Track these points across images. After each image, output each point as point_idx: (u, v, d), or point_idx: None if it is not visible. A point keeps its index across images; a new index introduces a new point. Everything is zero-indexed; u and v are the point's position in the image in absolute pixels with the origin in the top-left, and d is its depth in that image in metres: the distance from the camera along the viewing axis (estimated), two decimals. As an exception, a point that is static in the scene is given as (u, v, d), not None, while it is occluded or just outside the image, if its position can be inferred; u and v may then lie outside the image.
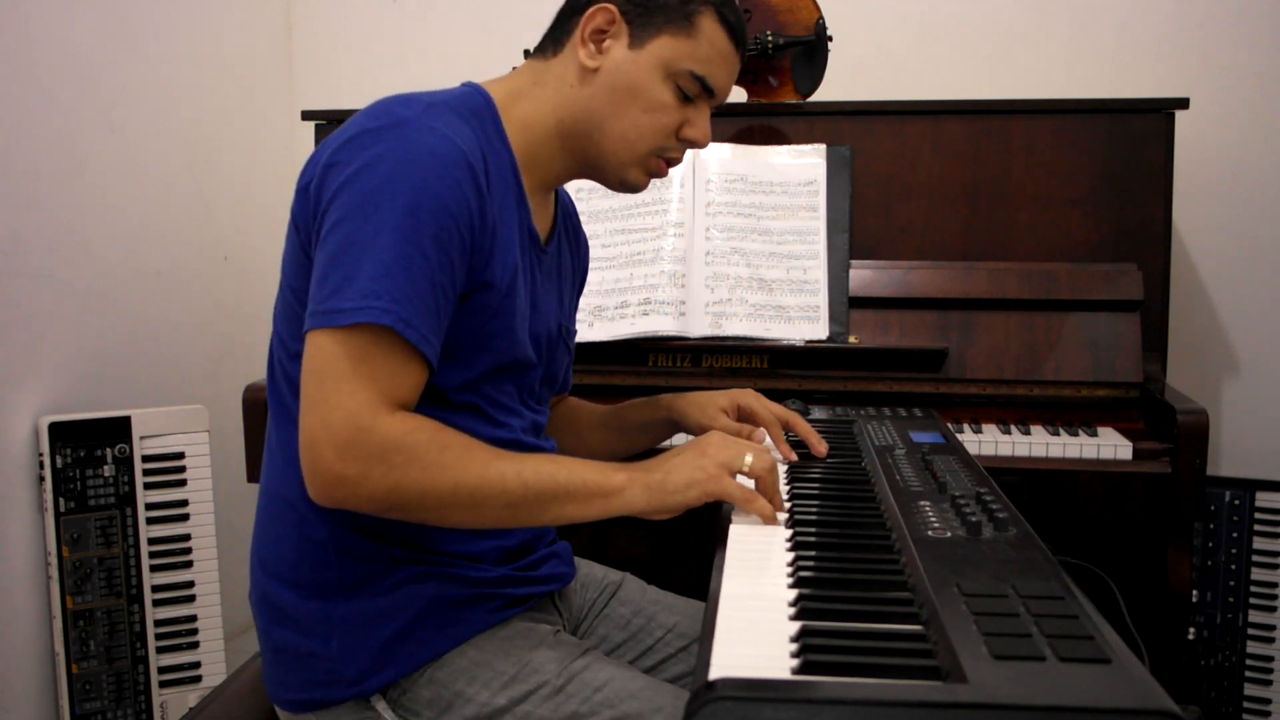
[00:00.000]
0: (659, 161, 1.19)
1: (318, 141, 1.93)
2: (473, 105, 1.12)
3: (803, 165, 1.94)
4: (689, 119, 1.17)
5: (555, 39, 1.18)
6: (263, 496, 1.16)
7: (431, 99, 1.08)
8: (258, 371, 2.01)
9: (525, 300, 1.16)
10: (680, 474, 1.05)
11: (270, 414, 1.15)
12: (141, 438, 1.91)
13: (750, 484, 1.08)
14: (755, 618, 0.79)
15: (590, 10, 1.13)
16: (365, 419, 0.97)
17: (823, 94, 2.03)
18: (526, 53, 1.95)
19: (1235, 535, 2.04)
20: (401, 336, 0.98)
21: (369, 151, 1.01)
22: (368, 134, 1.02)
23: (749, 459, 1.06)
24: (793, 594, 0.83)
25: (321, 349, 0.99)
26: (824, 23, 1.99)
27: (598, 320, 1.87)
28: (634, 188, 1.21)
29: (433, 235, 1.00)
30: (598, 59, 1.14)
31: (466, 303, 1.07)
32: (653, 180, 2.01)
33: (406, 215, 0.98)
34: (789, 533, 1.00)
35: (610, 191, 1.95)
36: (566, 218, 1.32)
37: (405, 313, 0.98)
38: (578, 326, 1.85)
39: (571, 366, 1.41)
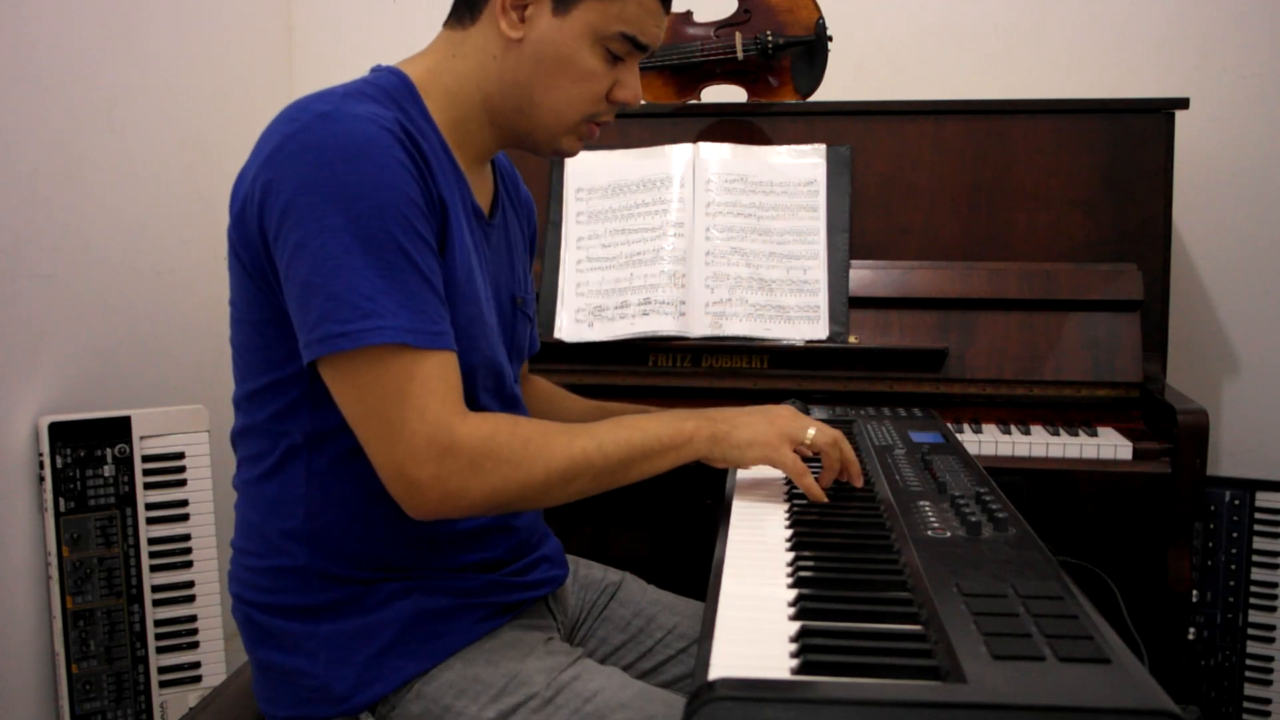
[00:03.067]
0: (590, 126, 1.15)
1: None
2: (388, 88, 1.07)
3: (803, 165, 1.94)
4: (619, 80, 1.13)
5: (471, 6, 1.12)
6: (239, 527, 1.15)
7: (345, 90, 1.04)
8: (258, 371, 2.01)
9: (485, 285, 1.13)
10: (744, 432, 1.08)
11: (236, 448, 1.14)
12: (141, 438, 1.90)
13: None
14: (755, 618, 0.79)
15: None
16: (444, 436, 0.97)
17: (823, 94, 2.03)
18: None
19: (1235, 535, 2.04)
20: (415, 347, 0.96)
21: (300, 159, 0.97)
22: (291, 139, 0.98)
23: (811, 433, 1.09)
24: (793, 594, 0.83)
25: (358, 384, 0.97)
26: (824, 23, 1.99)
27: (598, 320, 1.87)
28: (566, 154, 1.18)
29: (399, 225, 0.97)
30: (520, 29, 1.08)
31: None
32: (652, 180, 2.01)
33: (365, 216, 0.95)
34: (789, 533, 1.00)
35: (610, 191, 1.96)
36: (505, 181, 1.27)
37: (407, 321, 0.96)
38: (577, 327, 1.86)
39: (535, 333, 1.39)
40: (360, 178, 0.96)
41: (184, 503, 1.95)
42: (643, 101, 1.20)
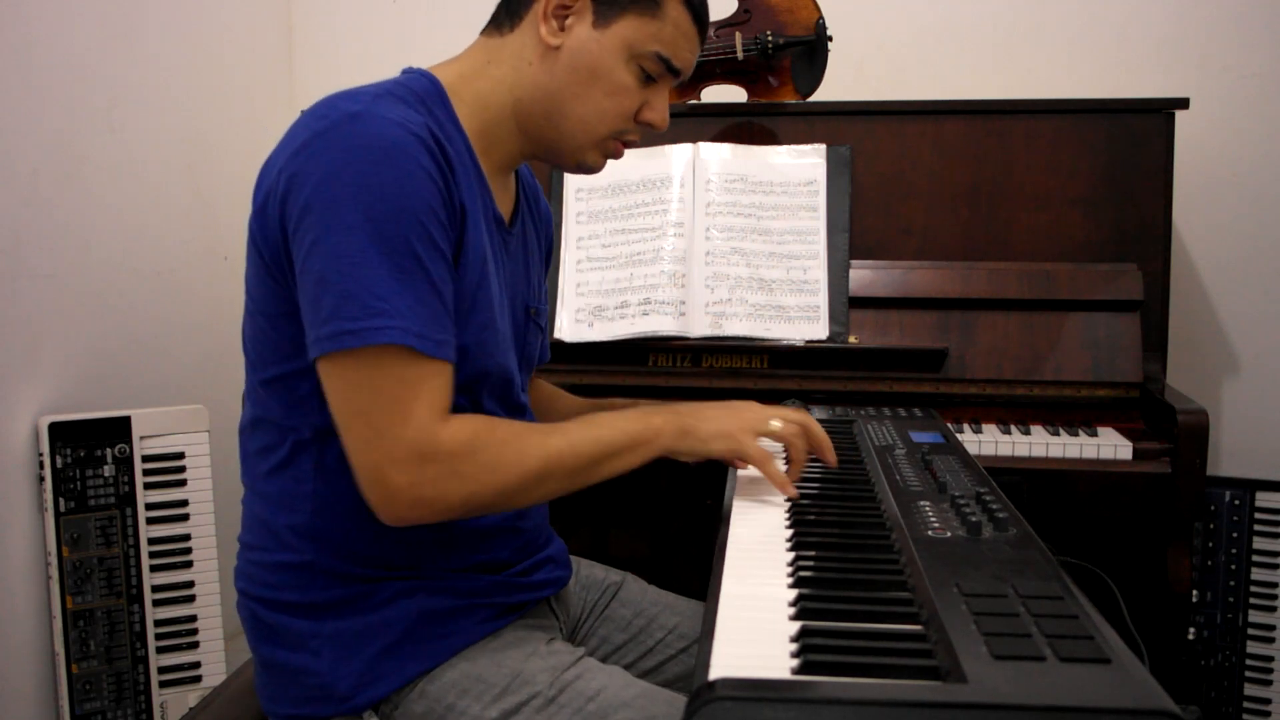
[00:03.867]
0: (616, 144, 1.17)
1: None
2: (419, 91, 1.08)
3: (803, 165, 1.94)
4: (648, 101, 1.15)
5: (511, 13, 1.14)
6: (246, 522, 1.15)
7: (377, 90, 1.04)
8: (258, 371, 2.01)
9: (500, 293, 1.13)
10: (709, 425, 1.10)
11: (245, 441, 1.14)
12: (141, 438, 1.91)
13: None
14: (755, 618, 0.79)
15: None
16: (426, 441, 0.97)
17: (823, 94, 2.03)
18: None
19: (1235, 535, 2.04)
20: (419, 351, 0.97)
21: (326, 157, 0.97)
22: (319, 137, 0.98)
23: (775, 424, 1.11)
24: (793, 594, 0.83)
25: (351, 383, 0.97)
26: (824, 23, 1.99)
27: (598, 320, 1.87)
28: (590, 170, 1.19)
29: (417, 232, 0.98)
30: (560, 37, 1.10)
31: None
32: (652, 180, 2.01)
33: (384, 219, 0.96)
34: (789, 533, 1.00)
35: (610, 191, 1.96)
36: (526, 192, 1.28)
37: (416, 325, 0.97)
38: (577, 327, 1.86)
39: (547, 343, 1.40)
40: (382, 181, 0.96)
41: (184, 503, 1.95)
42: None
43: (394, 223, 0.96)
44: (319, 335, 0.97)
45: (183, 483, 1.95)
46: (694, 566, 2.02)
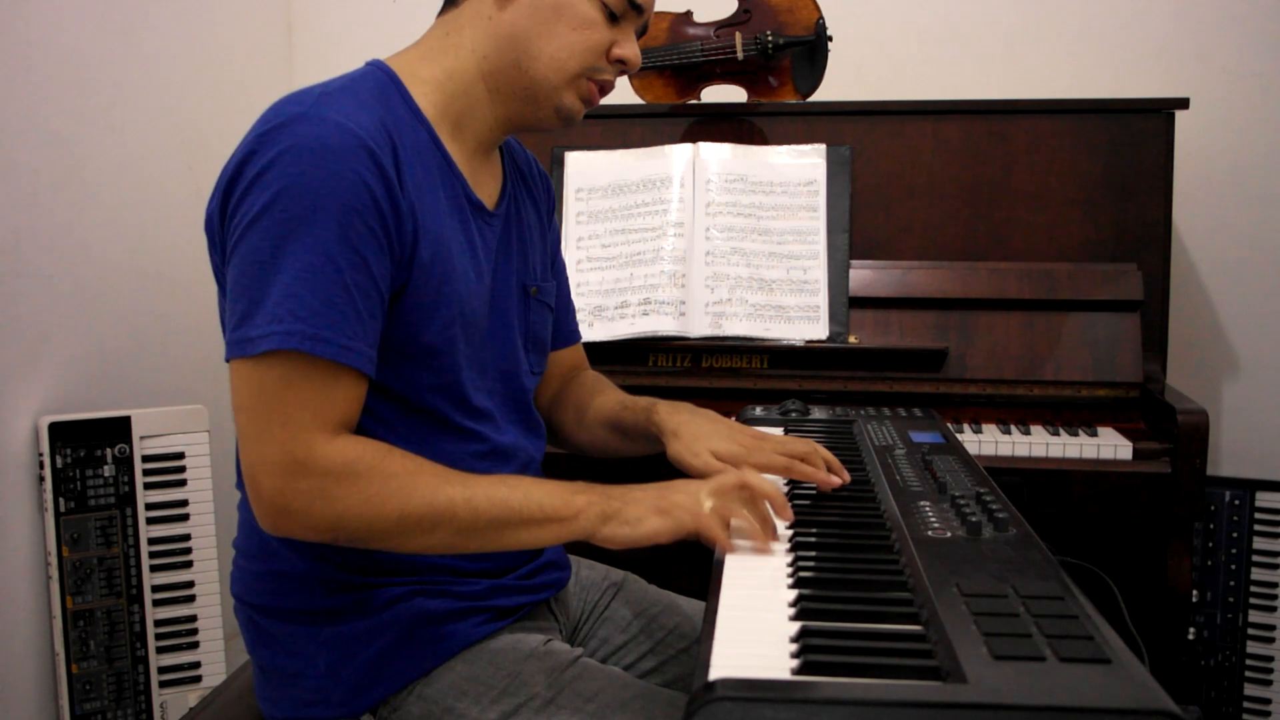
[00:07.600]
0: (590, 84, 1.13)
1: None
2: (374, 84, 1.06)
3: (803, 165, 1.94)
4: (617, 39, 1.12)
5: None
6: (241, 528, 1.14)
7: (325, 89, 1.02)
8: (258, 371, 2.01)
9: (478, 283, 1.11)
10: (635, 508, 1.01)
11: (237, 447, 1.14)
12: (141, 438, 1.90)
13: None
14: (755, 618, 0.79)
15: None
16: (300, 451, 0.94)
17: (823, 94, 2.03)
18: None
19: (1235, 535, 2.04)
20: (313, 355, 0.94)
21: (260, 159, 0.96)
22: (260, 139, 0.97)
23: (707, 505, 1.00)
24: (793, 594, 0.83)
25: (243, 380, 0.96)
26: (824, 23, 1.99)
27: (598, 320, 1.87)
28: (570, 115, 1.14)
29: (339, 236, 0.95)
30: None
31: (401, 300, 1.02)
32: (652, 180, 1.99)
33: (305, 222, 0.94)
34: (789, 533, 1.00)
35: (610, 191, 1.96)
36: (517, 168, 1.25)
37: (314, 329, 0.94)
38: (578, 326, 1.86)
39: (567, 320, 1.37)
40: (304, 183, 0.95)
41: (184, 503, 1.95)
42: (641, 64, 1.17)
43: (309, 224, 0.94)
44: (228, 341, 0.98)
45: (183, 483, 1.95)
46: (694, 566, 2.02)
